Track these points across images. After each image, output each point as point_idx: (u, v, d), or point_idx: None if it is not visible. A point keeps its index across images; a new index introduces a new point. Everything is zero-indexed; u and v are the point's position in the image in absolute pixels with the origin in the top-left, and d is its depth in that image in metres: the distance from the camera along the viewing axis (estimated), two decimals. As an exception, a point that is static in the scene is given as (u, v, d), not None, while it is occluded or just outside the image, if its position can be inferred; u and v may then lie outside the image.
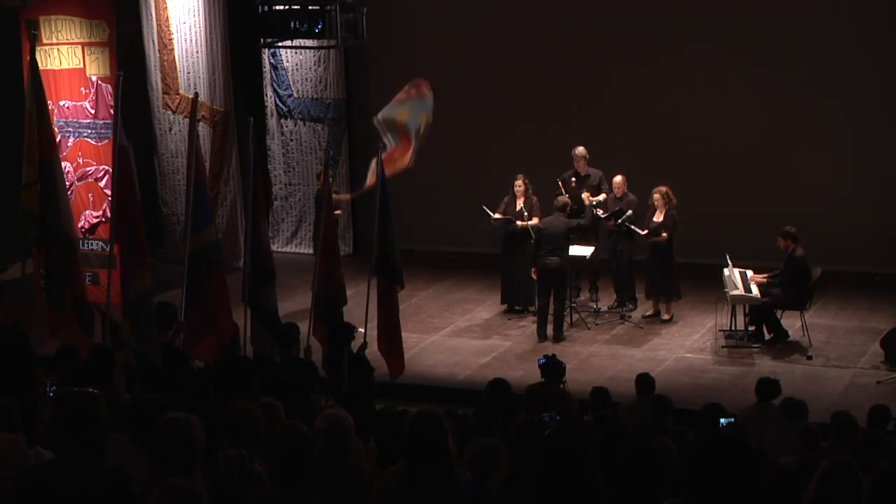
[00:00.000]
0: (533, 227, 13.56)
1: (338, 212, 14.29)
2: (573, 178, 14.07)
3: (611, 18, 15.77)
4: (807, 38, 14.95)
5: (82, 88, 14.04)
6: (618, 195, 13.71)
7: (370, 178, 12.16)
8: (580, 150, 14.12)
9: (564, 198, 13.44)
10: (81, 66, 14.01)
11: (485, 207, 13.96)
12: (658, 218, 13.39)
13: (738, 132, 15.27)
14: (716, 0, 15.44)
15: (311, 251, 15.51)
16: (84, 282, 10.58)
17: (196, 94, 11.52)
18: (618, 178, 13.72)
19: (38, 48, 10.80)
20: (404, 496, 5.10)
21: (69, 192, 13.94)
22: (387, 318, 10.87)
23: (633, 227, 13.42)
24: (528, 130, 15.95)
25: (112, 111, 12.73)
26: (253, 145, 10.72)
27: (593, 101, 15.79)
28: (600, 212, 13.83)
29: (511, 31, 16.16)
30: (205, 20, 15.60)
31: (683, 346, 12.90)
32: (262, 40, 14.24)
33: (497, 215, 13.90)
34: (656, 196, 13.40)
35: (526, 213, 13.70)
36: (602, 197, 13.94)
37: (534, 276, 13.27)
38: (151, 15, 15.67)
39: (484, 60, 16.24)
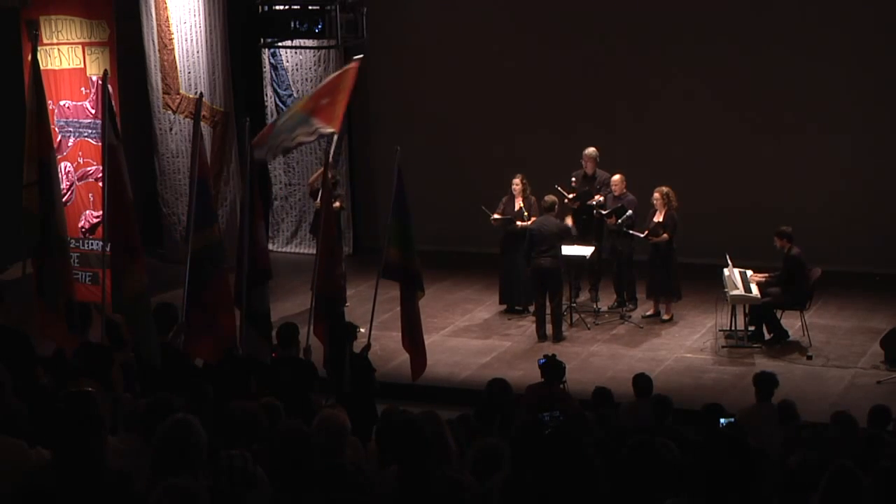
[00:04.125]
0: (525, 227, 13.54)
1: (337, 204, 14.24)
2: (573, 179, 14.05)
3: (610, 19, 15.79)
4: (805, 39, 14.96)
5: (83, 88, 14.04)
6: (616, 194, 13.70)
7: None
8: (591, 150, 14.06)
9: (552, 197, 13.41)
10: (82, 65, 14.01)
11: (484, 208, 13.95)
12: (658, 218, 13.39)
13: (738, 132, 15.29)
14: (714, 2, 15.47)
15: (311, 251, 15.50)
16: (74, 282, 10.56)
17: (201, 95, 11.51)
18: (616, 177, 13.70)
19: (38, 48, 10.79)
20: (400, 498, 5.10)
21: (69, 193, 14.02)
22: (408, 321, 10.85)
23: (631, 231, 13.42)
24: (528, 130, 15.95)
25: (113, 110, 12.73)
26: (250, 145, 10.70)
27: (593, 101, 15.80)
28: (601, 211, 13.82)
29: (510, 32, 16.17)
30: (205, 20, 15.60)
31: (683, 346, 12.90)
32: (262, 40, 14.24)
33: (496, 215, 13.89)
34: (656, 196, 13.39)
35: (525, 213, 13.69)
36: (600, 198, 13.91)
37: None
38: (151, 15, 15.67)
39: (483, 60, 16.25)
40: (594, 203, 13.92)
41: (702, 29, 15.40)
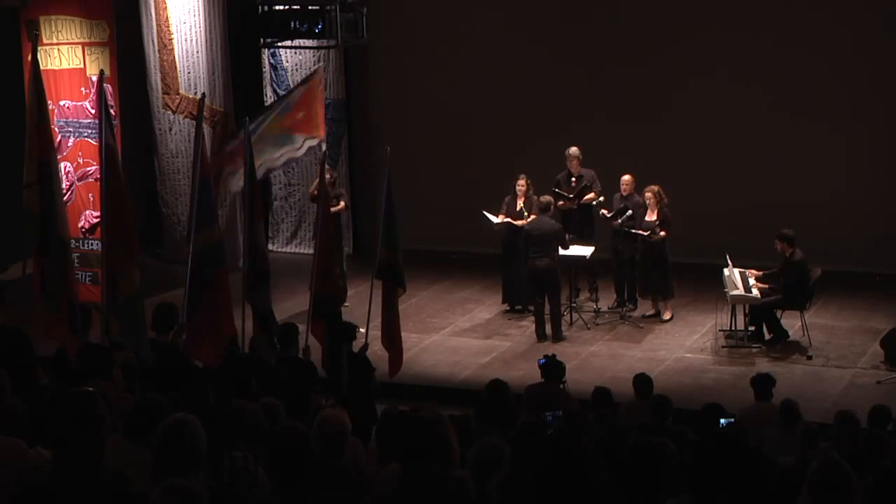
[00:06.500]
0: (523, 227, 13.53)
1: (342, 205, 14.19)
2: (573, 179, 14.06)
3: (610, 18, 15.79)
4: (804, 39, 14.96)
5: (82, 88, 14.04)
6: (624, 194, 13.69)
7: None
8: (574, 150, 14.09)
9: (547, 198, 13.41)
10: (82, 65, 14.01)
11: (486, 213, 13.92)
12: (651, 217, 13.39)
13: (738, 131, 15.28)
14: (714, 2, 15.47)
15: (311, 251, 15.49)
16: (76, 283, 10.59)
17: (203, 95, 11.53)
18: (626, 178, 13.68)
19: (38, 48, 10.80)
20: (400, 497, 5.10)
21: (69, 192, 14.03)
22: (389, 318, 10.93)
23: (633, 230, 13.42)
24: (529, 130, 15.94)
25: (112, 111, 12.73)
26: (250, 145, 10.71)
27: (593, 101, 15.80)
28: (604, 211, 13.82)
29: (511, 32, 16.17)
30: (205, 20, 15.59)
31: (683, 346, 12.89)
32: (261, 40, 14.24)
33: (499, 219, 13.85)
34: (648, 195, 13.40)
35: (526, 213, 13.68)
36: (601, 197, 13.93)
37: None
38: (151, 15, 15.66)
39: (484, 60, 16.24)
40: (594, 203, 13.93)
41: (700, 30, 15.39)
